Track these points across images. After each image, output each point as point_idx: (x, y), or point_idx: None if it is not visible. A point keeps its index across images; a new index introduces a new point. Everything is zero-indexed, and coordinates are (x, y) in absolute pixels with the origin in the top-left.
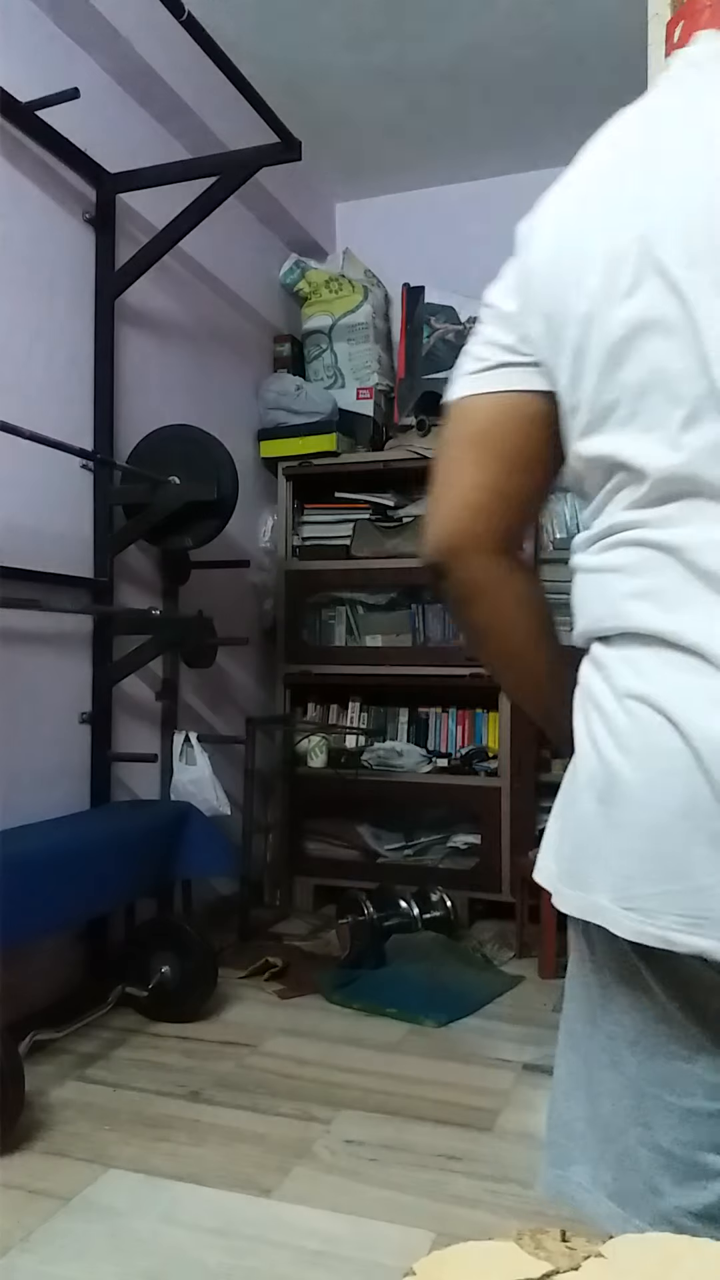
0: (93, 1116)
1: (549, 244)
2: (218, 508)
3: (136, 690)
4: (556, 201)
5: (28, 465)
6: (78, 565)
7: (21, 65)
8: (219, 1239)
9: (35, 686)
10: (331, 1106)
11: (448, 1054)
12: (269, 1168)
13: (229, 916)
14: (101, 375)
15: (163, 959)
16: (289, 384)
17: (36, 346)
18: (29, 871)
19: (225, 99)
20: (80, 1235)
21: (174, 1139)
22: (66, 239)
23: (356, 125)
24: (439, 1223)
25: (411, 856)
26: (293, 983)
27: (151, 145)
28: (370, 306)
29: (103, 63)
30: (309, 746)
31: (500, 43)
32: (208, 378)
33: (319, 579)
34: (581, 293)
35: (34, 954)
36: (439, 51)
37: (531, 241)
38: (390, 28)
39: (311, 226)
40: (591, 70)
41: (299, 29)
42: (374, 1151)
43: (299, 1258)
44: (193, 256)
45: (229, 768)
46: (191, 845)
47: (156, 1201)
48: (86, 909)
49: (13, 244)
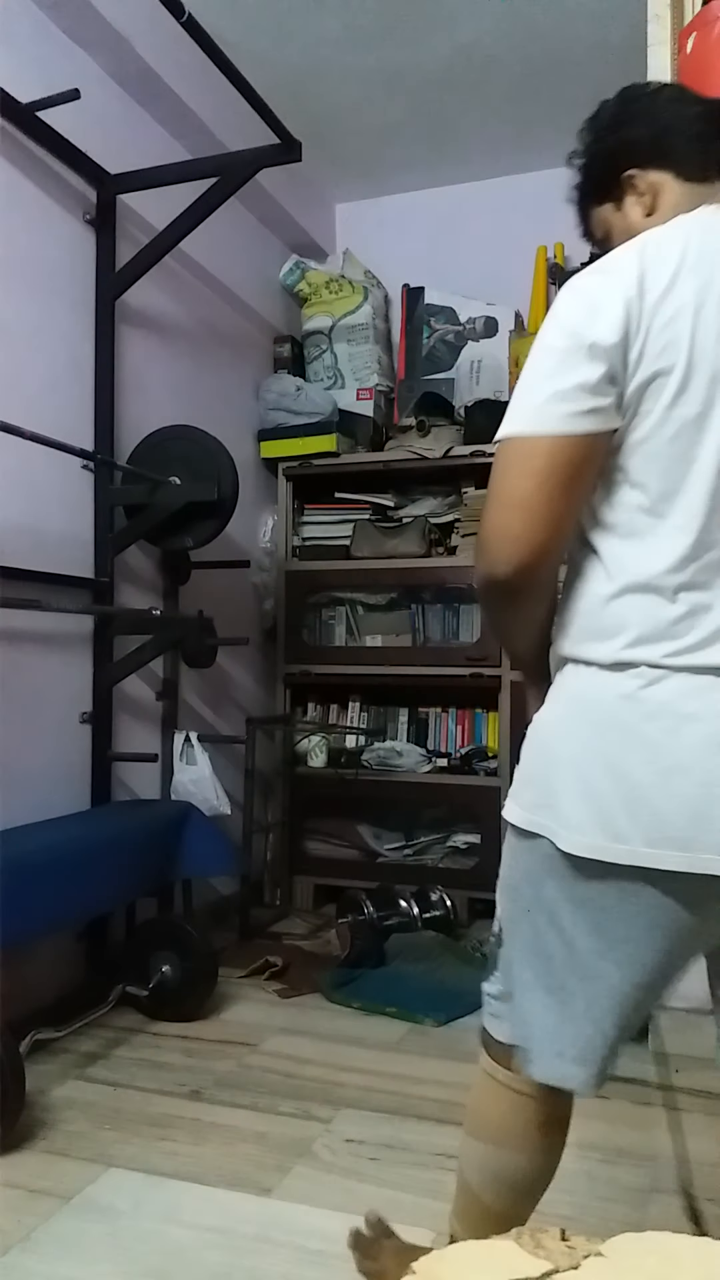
0: (93, 1115)
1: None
2: (218, 508)
3: (137, 690)
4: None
5: (28, 465)
6: (78, 565)
7: (22, 66)
8: (219, 1238)
9: (36, 686)
10: (331, 1106)
11: (448, 1053)
12: (269, 1167)
13: (229, 916)
14: (102, 376)
15: (163, 958)
16: (289, 384)
17: (37, 347)
18: (30, 871)
19: (225, 100)
20: (81, 1234)
21: (174, 1138)
22: (67, 240)
23: (357, 126)
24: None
25: (411, 856)
26: (293, 982)
27: (152, 146)
28: (370, 307)
29: (103, 64)
30: (309, 746)
31: (499, 44)
32: (208, 378)
33: (319, 579)
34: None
35: (35, 953)
36: (439, 53)
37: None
38: (390, 29)
39: (311, 227)
40: (590, 72)
41: (299, 30)
42: (374, 1150)
43: (299, 1256)
44: (193, 257)
45: (229, 767)
46: (192, 845)
47: (157, 1200)
48: (87, 908)
49: (13, 245)
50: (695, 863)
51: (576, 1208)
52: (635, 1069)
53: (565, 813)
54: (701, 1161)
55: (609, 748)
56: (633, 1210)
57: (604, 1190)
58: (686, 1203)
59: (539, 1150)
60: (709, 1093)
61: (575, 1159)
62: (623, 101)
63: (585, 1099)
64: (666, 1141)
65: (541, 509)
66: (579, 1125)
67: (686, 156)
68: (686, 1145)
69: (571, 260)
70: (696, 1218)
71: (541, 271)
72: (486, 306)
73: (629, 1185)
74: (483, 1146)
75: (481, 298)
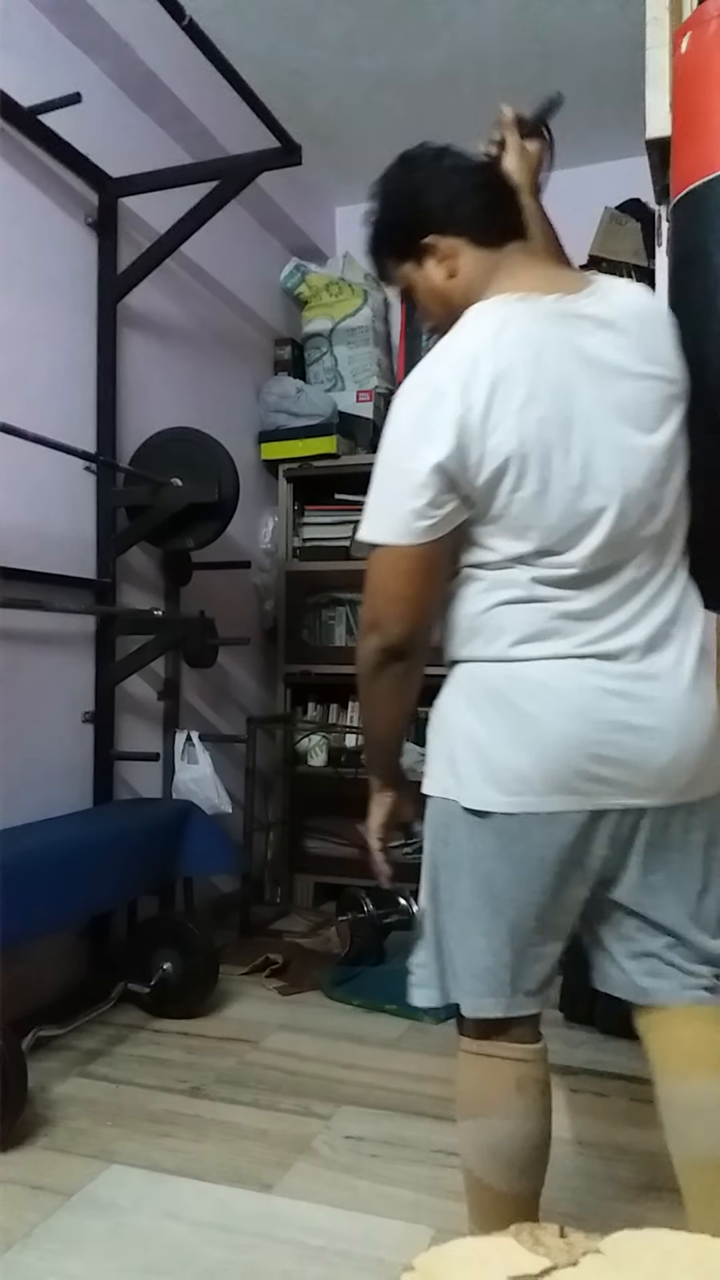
0: (95, 1112)
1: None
2: (219, 509)
3: (139, 690)
4: None
5: (31, 467)
6: (80, 566)
7: (24, 70)
8: (220, 1234)
9: (38, 686)
10: (332, 1102)
11: (447, 1050)
12: (270, 1163)
13: (230, 914)
14: (104, 378)
15: (164, 956)
16: (289, 387)
17: (39, 350)
18: (32, 869)
19: (226, 103)
20: (82, 1231)
21: (176, 1135)
22: (69, 243)
23: (357, 129)
24: (439, 1218)
25: (411, 854)
26: (293, 979)
27: (153, 150)
28: (370, 310)
29: (105, 67)
30: (309, 745)
31: (498, 47)
32: (209, 380)
33: (319, 580)
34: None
35: (37, 951)
36: (438, 56)
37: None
38: (389, 33)
39: (312, 230)
40: (588, 75)
41: (299, 34)
42: (374, 1147)
43: (300, 1253)
44: (194, 260)
45: (230, 766)
46: (193, 843)
47: (158, 1197)
48: (89, 906)
49: (15, 248)
50: (569, 803)
51: (575, 1205)
52: (634, 1067)
53: (464, 776)
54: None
55: (495, 720)
56: (631, 1207)
57: (603, 1187)
58: None
59: (521, 1114)
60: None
61: (574, 1156)
62: (411, 169)
63: (583, 1097)
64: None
65: (414, 597)
66: (578, 1123)
67: (477, 224)
68: None
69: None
70: None
71: None
72: None
73: (628, 1182)
74: (472, 1123)
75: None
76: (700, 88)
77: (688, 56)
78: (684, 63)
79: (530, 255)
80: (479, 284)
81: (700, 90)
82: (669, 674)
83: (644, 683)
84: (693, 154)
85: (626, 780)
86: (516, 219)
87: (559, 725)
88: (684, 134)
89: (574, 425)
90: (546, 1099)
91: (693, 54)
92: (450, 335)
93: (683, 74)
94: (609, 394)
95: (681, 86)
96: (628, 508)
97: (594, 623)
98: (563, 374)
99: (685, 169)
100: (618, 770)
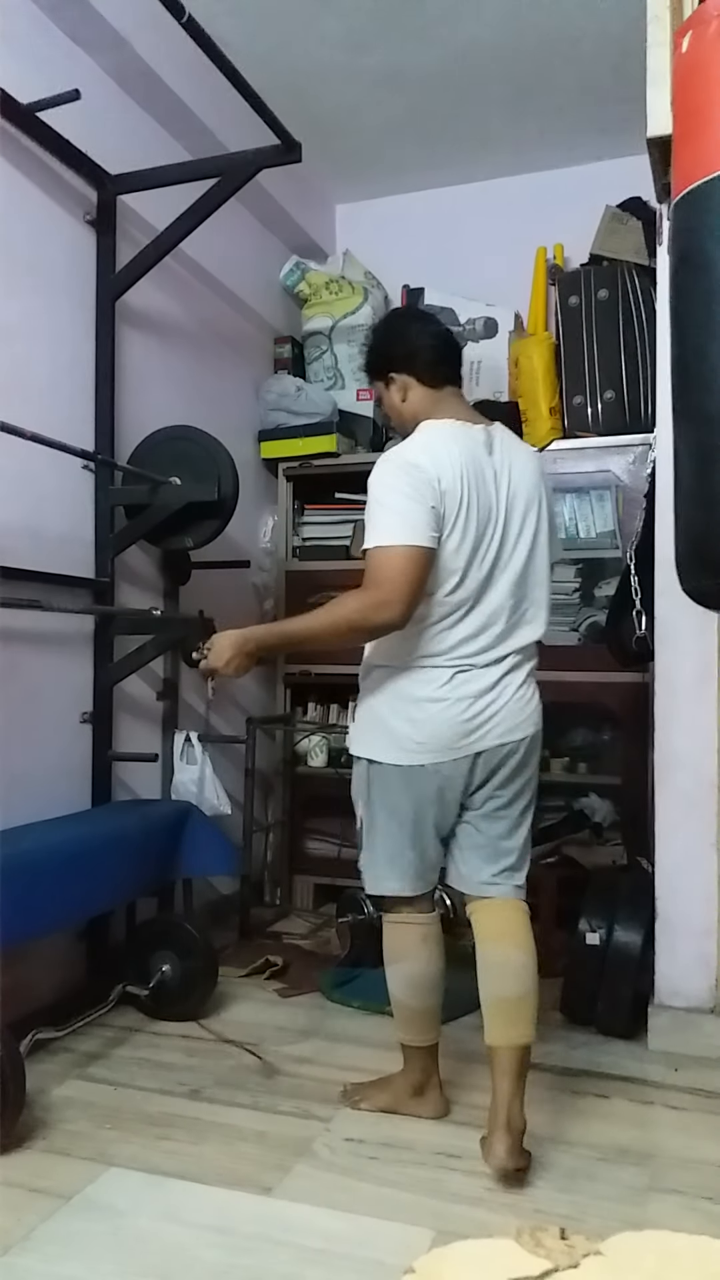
0: (94, 1115)
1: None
2: (218, 508)
3: (137, 690)
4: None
5: (29, 466)
6: (79, 566)
7: (22, 67)
8: (219, 1237)
9: (36, 686)
10: (331, 1105)
11: (446, 1052)
12: (269, 1166)
13: (229, 915)
14: (102, 376)
15: (163, 958)
16: (289, 385)
17: (38, 348)
18: (30, 871)
19: (226, 101)
20: (81, 1233)
21: (175, 1137)
22: (68, 240)
23: (357, 127)
24: (439, 1220)
25: None
26: (293, 981)
27: (152, 147)
28: (370, 308)
29: (104, 64)
30: (309, 746)
31: (499, 44)
32: (208, 379)
33: (319, 579)
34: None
35: (35, 953)
36: (438, 53)
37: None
38: (390, 30)
39: (312, 228)
40: (589, 72)
41: (299, 31)
42: (374, 1150)
43: (299, 1256)
44: (193, 258)
45: (229, 767)
46: (192, 844)
47: (157, 1200)
48: (87, 908)
49: (14, 245)
50: (446, 754)
51: (576, 1207)
52: (635, 1068)
53: (381, 744)
54: (702, 1161)
55: (403, 707)
56: (632, 1209)
57: (603, 1189)
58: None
59: (428, 959)
60: (709, 1092)
61: (575, 1158)
62: (389, 323)
63: (583, 1099)
64: (666, 1140)
65: (411, 585)
66: (578, 1124)
67: (425, 370)
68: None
69: (571, 261)
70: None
71: (541, 272)
72: (486, 307)
73: (628, 1184)
74: (396, 965)
75: (481, 298)
76: (701, 86)
77: (688, 55)
78: (684, 62)
79: (458, 398)
80: (423, 411)
81: (701, 89)
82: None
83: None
84: (693, 152)
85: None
86: (454, 373)
87: (443, 712)
88: (684, 132)
89: (485, 504)
90: (441, 947)
91: (693, 53)
92: (412, 437)
93: (683, 73)
94: (500, 490)
95: (682, 85)
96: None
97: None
98: (478, 471)
99: (686, 167)
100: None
